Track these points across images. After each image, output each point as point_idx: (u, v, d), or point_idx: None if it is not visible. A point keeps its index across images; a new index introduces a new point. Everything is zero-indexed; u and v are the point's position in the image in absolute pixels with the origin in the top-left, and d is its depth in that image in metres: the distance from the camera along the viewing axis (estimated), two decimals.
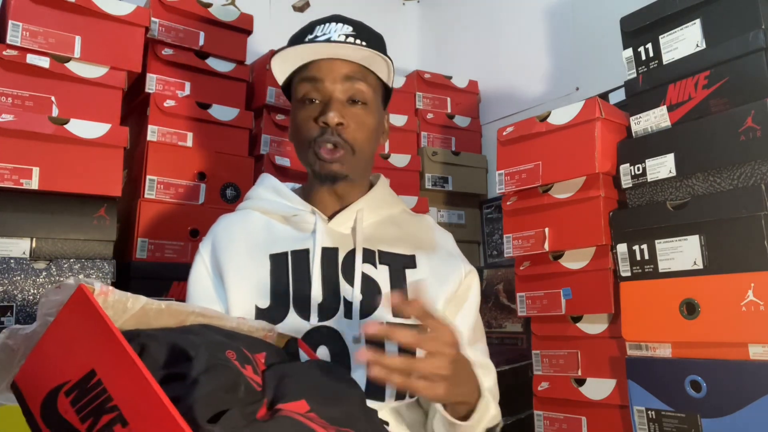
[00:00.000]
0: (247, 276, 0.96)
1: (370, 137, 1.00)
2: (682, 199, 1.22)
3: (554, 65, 2.03)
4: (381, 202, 1.07)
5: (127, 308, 0.63)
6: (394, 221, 1.07)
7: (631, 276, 1.27)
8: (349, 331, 0.93)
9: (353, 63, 0.97)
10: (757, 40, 1.13)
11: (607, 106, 1.36)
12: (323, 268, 0.97)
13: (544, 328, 1.46)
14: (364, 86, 0.97)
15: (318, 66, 0.98)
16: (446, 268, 1.04)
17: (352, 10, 1.12)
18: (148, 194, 1.49)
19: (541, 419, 1.44)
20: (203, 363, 0.58)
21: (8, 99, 1.33)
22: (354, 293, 0.95)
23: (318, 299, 0.95)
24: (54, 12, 1.40)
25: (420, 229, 1.09)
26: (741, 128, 1.13)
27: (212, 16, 1.66)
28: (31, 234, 1.31)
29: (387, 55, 1.00)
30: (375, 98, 1.00)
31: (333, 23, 0.99)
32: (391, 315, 0.93)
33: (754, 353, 1.08)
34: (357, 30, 0.99)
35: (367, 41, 0.98)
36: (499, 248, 2.08)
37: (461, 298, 1.04)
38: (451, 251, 1.09)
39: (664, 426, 1.17)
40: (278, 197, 1.05)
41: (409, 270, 1.00)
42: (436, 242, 1.08)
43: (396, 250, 1.02)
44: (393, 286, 0.98)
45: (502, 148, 1.54)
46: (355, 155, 0.98)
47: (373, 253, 0.99)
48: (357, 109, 0.98)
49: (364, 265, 0.98)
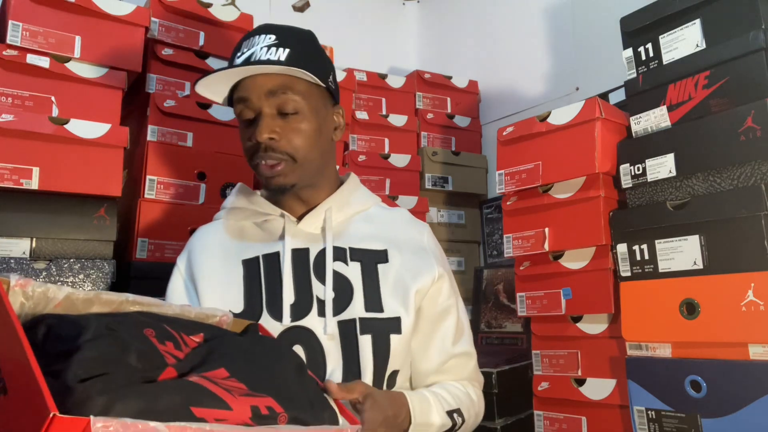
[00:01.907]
0: (221, 283, 1.00)
1: (310, 142, 0.99)
2: (682, 199, 1.22)
3: (554, 65, 2.03)
4: (350, 199, 1.08)
5: (49, 298, 0.66)
6: (366, 217, 1.08)
7: (631, 276, 1.27)
8: (323, 329, 0.95)
9: (276, 75, 0.97)
10: (757, 40, 1.13)
11: (607, 106, 1.36)
12: (294, 269, 0.99)
13: (544, 328, 1.46)
14: (290, 96, 0.97)
15: (244, 85, 0.99)
16: (419, 261, 1.05)
17: (353, 11, 1.13)
18: (148, 194, 1.49)
19: (541, 419, 1.44)
20: (90, 334, 0.61)
21: (8, 99, 1.33)
22: (326, 291, 0.97)
23: (290, 300, 0.97)
24: (54, 12, 1.40)
25: (393, 222, 1.10)
26: (741, 128, 1.13)
27: (212, 16, 1.66)
28: (31, 234, 1.31)
29: (319, 55, 1.01)
30: (309, 103, 0.99)
31: (258, 36, 0.99)
32: (364, 310, 0.97)
33: (754, 353, 1.08)
34: (280, 38, 0.98)
35: (291, 47, 0.97)
36: (499, 248, 2.08)
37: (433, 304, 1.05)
38: (425, 245, 1.09)
39: (664, 426, 1.17)
40: (249, 204, 1.07)
41: (381, 265, 1.02)
42: (409, 235, 1.08)
43: (367, 246, 1.03)
44: (365, 281, 1.00)
45: (502, 148, 1.54)
46: (297, 163, 0.98)
47: (344, 250, 1.01)
48: (289, 119, 0.98)
49: (336, 263, 1.00)
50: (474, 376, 1.10)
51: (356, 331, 0.96)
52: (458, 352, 1.06)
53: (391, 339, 0.97)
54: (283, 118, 0.98)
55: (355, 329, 0.96)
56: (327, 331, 0.95)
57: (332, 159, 1.09)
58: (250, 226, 1.06)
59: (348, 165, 1.93)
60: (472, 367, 1.09)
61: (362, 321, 0.96)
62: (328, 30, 2.37)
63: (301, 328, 0.96)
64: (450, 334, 1.06)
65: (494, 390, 1.53)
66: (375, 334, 0.96)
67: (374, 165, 1.96)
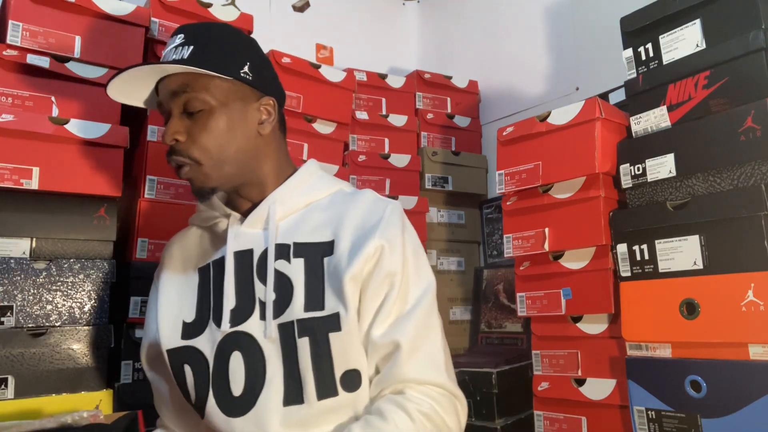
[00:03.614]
0: (177, 293, 1.00)
1: (219, 141, 0.94)
2: (682, 199, 1.22)
3: (554, 65, 2.03)
4: (297, 191, 1.00)
5: None
6: (321, 207, 0.99)
7: (631, 276, 1.27)
8: (263, 333, 0.91)
9: (178, 75, 0.94)
10: (757, 40, 1.13)
11: (607, 106, 1.36)
12: (237, 273, 0.96)
13: (544, 328, 1.46)
14: (192, 94, 0.93)
15: (158, 88, 0.98)
16: (360, 241, 0.92)
17: (353, 11, 1.12)
18: (148, 194, 1.49)
19: (541, 419, 1.44)
20: None
21: (8, 99, 1.33)
22: (267, 293, 0.93)
23: (231, 305, 0.94)
24: (54, 12, 1.40)
25: (349, 208, 0.97)
26: (741, 128, 1.13)
27: (212, 16, 1.66)
28: (31, 234, 1.31)
29: (230, 48, 0.96)
30: (216, 98, 0.94)
31: (172, 38, 0.97)
32: (303, 310, 0.90)
33: (754, 353, 1.08)
34: (187, 37, 0.95)
35: (195, 44, 0.94)
36: (499, 248, 2.08)
37: (371, 282, 0.91)
38: (376, 222, 0.94)
39: (664, 426, 1.17)
40: (206, 207, 1.04)
41: (327, 258, 0.93)
42: (363, 218, 0.95)
43: (314, 239, 0.95)
44: (308, 278, 0.92)
45: (502, 148, 1.54)
46: (204, 166, 0.94)
47: (287, 247, 0.95)
48: (196, 118, 0.94)
49: (278, 261, 0.94)
50: (416, 376, 0.88)
51: (294, 334, 0.89)
52: (384, 341, 0.89)
53: (331, 338, 0.88)
54: (190, 117, 0.95)
55: (293, 332, 0.90)
56: (266, 335, 0.91)
57: (270, 153, 1.00)
58: (208, 231, 1.05)
59: (348, 165, 1.93)
60: (413, 365, 0.88)
61: (300, 322, 0.89)
62: (328, 30, 2.38)
63: (241, 333, 0.92)
64: (374, 315, 0.90)
65: (494, 390, 1.53)
66: (313, 335, 0.89)
67: (374, 165, 1.96)
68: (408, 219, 1.02)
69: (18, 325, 1.25)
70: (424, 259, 0.99)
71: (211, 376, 0.92)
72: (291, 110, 1.82)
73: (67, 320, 1.30)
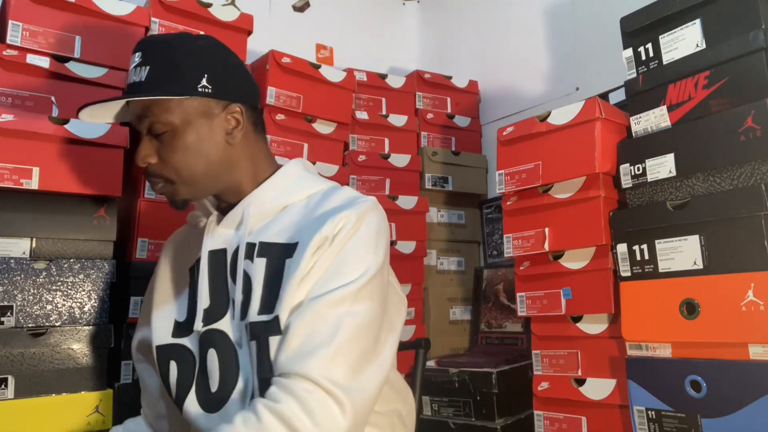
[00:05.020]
0: (171, 293, 1.03)
1: (190, 159, 0.94)
2: (682, 199, 1.22)
3: (554, 65, 2.03)
4: (273, 193, 0.99)
5: None
6: (294, 209, 0.97)
7: (631, 276, 1.27)
8: (234, 332, 0.93)
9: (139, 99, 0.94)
10: (757, 40, 1.13)
11: (607, 106, 1.36)
12: (211, 272, 0.97)
13: (544, 328, 1.46)
14: (153, 118, 0.93)
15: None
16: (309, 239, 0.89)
17: (353, 10, 1.11)
18: (148, 194, 1.49)
19: (541, 419, 1.44)
20: None
21: (8, 99, 1.33)
22: (236, 293, 0.94)
23: (205, 304, 0.96)
24: (54, 12, 1.40)
25: (320, 207, 0.94)
26: (741, 128, 1.13)
27: (212, 16, 1.66)
28: (31, 234, 1.31)
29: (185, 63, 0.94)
30: (178, 117, 0.93)
31: (134, 53, 0.97)
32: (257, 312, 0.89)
33: (754, 353, 1.08)
34: (144, 55, 0.95)
35: (151, 64, 0.94)
36: (499, 248, 2.08)
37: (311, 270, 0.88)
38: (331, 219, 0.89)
39: (664, 426, 1.17)
40: (198, 206, 1.06)
41: (288, 260, 0.91)
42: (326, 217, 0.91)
43: (279, 240, 0.93)
44: (267, 280, 0.91)
45: (502, 148, 1.55)
46: (177, 183, 0.96)
47: (253, 246, 0.95)
48: (163, 139, 0.94)
49: (246, 261, 0.94)
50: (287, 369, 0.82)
51: (248, 337, 0.90)
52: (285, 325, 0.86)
53: (270, 342, 0.87)
54: (158, 138, 0.95)
55: (248, 334, 0.90)
56: (233, 336, 0.93)
57: (243, 160, 0.99)
58: (196, 230, 1.06)
59: (348, 165, 1.93)
60: (288, 354, 0.83)
61: (252, 325, 0.89)
62: (328, 30, 2.38)
63: (215, 331, 0.94)
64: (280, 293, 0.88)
65: (494, 390, 1.53)
66: (259, 339, 0.88)
67: (374, 165, 1.96)
68: (380, 214, 0.95)
69: (18, 325, 1.25)
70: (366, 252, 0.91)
71: (197, 373, 0.95)
72: (291, 110, 1.82)
73: (67, 320, 1.31)
